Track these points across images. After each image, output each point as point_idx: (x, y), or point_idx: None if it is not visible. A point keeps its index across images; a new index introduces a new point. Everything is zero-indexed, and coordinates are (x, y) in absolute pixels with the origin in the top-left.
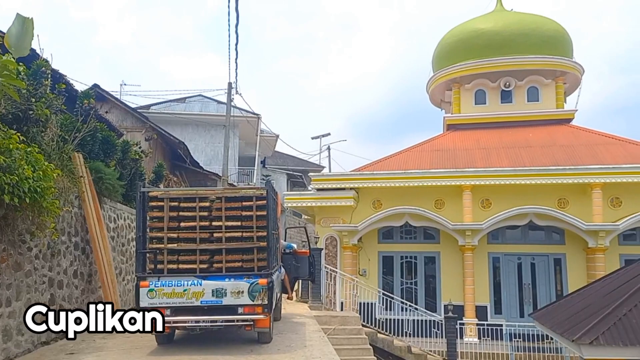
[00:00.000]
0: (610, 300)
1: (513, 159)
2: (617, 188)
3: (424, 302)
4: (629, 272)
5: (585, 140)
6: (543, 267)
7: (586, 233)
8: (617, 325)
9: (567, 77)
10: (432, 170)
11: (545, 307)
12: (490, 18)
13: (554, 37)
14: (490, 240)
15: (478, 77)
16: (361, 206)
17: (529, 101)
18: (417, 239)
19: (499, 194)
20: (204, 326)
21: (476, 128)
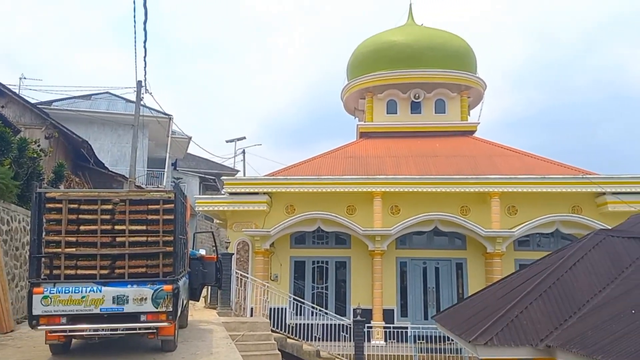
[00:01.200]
0: (504, 302)
1: (421, 167)
2: (513, 197)
3: (334, 307)
4: (521, 276)
5: (486, 151)
6: (446, 271)
7: (485, 239)
8: (510, 326)
9: (471, 91)
10: (344, 176)
11: (446, 309)
12: (402, 31)
13: (459, 52)
14: (398, 246)
15: (390, 87)
16: (274, 211)
17: (437, 113)
18: (329, 244)
19: (407, 200)
20: (104, 335)
21: (387, 137)
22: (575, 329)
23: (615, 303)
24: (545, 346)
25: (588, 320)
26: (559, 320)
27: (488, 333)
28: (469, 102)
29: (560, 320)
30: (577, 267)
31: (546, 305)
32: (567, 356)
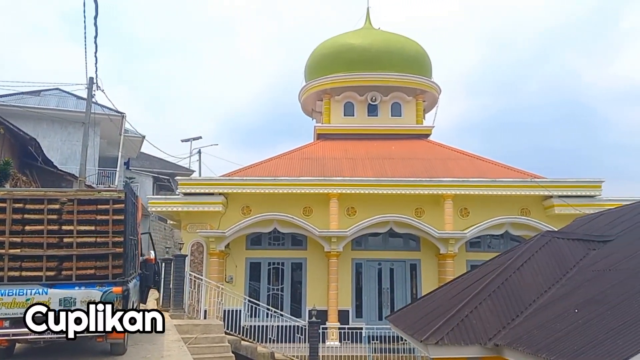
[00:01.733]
0: (455, 302)
1: (377, 169)
2: (466, 199)
3: (290, 308)
4: (472, 277)
5: (440, 154)
6: (401, 272)
7: (438, 240)
8: (460, 325)
9: (427, 95)
10: (301, 177)
11: (400, 310)
12: (360, 34)
13: (415, 57)
14: (354, 247)
15: (347, 89)
16: (230, 212)
17: (393, 116)
18: (285, 245)
19: (363, 202)
20: (49, 339)
21: (345, 138)
22: (521, 328)
23: (559, 302)
24: (493, 345)
25: (534, 319)
26: (507, 319)
27: (439, 332)
28: (424, 106)
29: (508, 320)
30: (524, 268)
31: (495, 305)
32: (513, 354)
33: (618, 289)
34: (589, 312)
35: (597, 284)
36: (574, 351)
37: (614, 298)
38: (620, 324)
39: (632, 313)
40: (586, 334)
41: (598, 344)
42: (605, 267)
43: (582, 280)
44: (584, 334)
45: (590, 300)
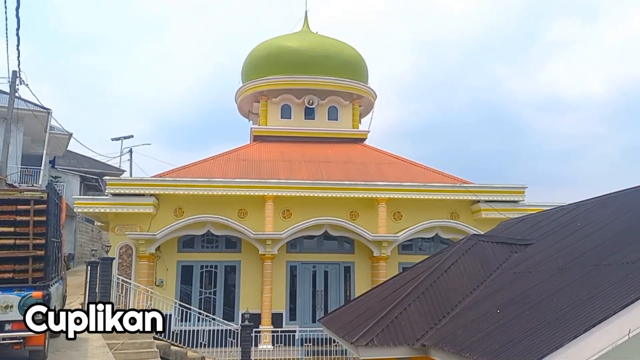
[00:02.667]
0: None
1: (313, 172)
2: (399, 203)
3: (222, 312)
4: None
5: (375, 159)
6: (335, 274)
7: (372, 243)
8: (389, 327)
9: (363, 100)
10: (236, 179)
11: (332, 312)
12: (297, 37)
13: (352, 62)
14: (289, 250)
15: (284, 92)
16: (161, 213)
17: (330, 120)
18: (218, 248)
19: (299, 205)
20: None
21: (281, 141)
22: (447, 328)
23: (483, 303)
24: (420, 345)
25: (459, 319)
26: (434, 320)
27: (369, 334)
28: (360, 110)
29: (435, 320)
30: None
31: (423, 306)
32: (439, 354)
33: (536, 290)
34: (509, 312)
35: (518, 286)
36: (494, 350)
37: (533, 299)
38: (538, 324)
39: (548, 313)
40: (506, 333)
41: (517, 342)
42: (525, 270)
43: (504, 282)
44: (504, 333)
45: (511, 301)
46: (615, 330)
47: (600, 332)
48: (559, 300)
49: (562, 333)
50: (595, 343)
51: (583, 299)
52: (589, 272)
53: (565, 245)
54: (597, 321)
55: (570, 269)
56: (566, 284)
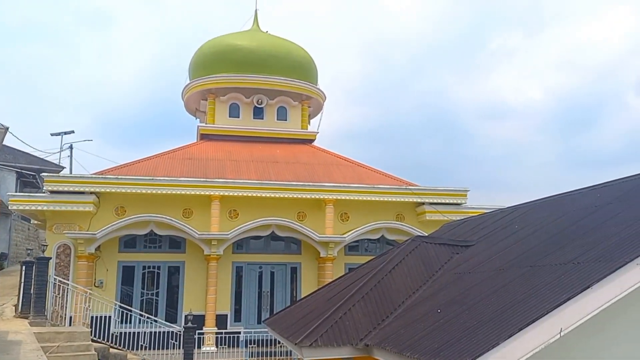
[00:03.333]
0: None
1: (261, 172)
2: (346, 204)
3: (165, 313)
4: (347, 279)
5: (323, 160)
6: (281, 275)
7: (319, 244)
8: (334, 327)
9: (312, 101)
10: (181, 178)
11: (277, 313)
12: (247, 36)
13: (302, 63)
14: (235, 250)
15: (233, 90)
16: (102, 212)
17: (279, 120)
18: (162, 248)
19: (246, 205)
20: None
21: (229, 140)
22: (390, 328)
23: (424, 303)
24: (364, 345)
25: (401, 319)
26: (378, 320)
27: (313, 335)
28: (310, 111)
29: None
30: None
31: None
32: (381, 353)
33: (475, 290)
34: (449, 312)
35: (458, 286)
36: (434, 349)
37: (472, 299)
38: (476, 323)
39: (486, 312)
40: (446, 333)
41: (456, 341)
42: (465, 270)
43: (446, 282)
44: (444, 332)
45: (452, 300)
46: (548, 329)
47: (534, 330)
48: (496, 300)
49: (498, 332)
50: (529, 341)
51: (519, 299)
52: (525, 273)
53: (503, 246)
54: (531, 320)
55: (508, 270)
56: (503, 284)
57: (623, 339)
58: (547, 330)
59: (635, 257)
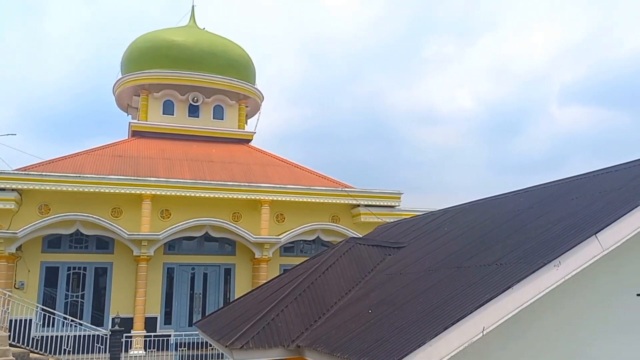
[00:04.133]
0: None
1: (195, 172)
2: (282, 205)
3: (91, 316)
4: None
5: (260, 160)
6: (215, 276)
7: (254, 245)
8: (266, 329)
9: (249, 101)
10: (111, 176)
11: (209, 315)
12: (184, 32)
13: (240, 62)
14: (166, 251)
15: (167, 87)
16: (24, 210)
17: (215, 118)
18: (88, 248)
19: (179, 205)
20: None
21: (162, 138)
22: (322, 329)
23: (356, 304)
24: (295, 346)
25: (333, 320)
26: (310, 321)
27: (245, 337)
28: (247, 111)
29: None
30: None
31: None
32: (312, 354)
33: (405, 290)
34: (380, 312)
35: (389, 287)
36: (364, 349)
37: (402, 299)
38: (405, 322)
39: (415, 312)
40: (376, 332)
41: (385, 341)
42: (397, 271)
43: (377, 283)
44: (374, 332)
45: (382, 301)
46: (472, 328)
47: (459, 329)
48: (425, 299)
49: (425, 331)
50: (454, 340)
51: (445, 299)
52: (452, 273)
53: (433, 248)
54: (456, 319)
55: (436, 271)
56: (432, 284)
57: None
58: (471, 329)
59: (552, 259)
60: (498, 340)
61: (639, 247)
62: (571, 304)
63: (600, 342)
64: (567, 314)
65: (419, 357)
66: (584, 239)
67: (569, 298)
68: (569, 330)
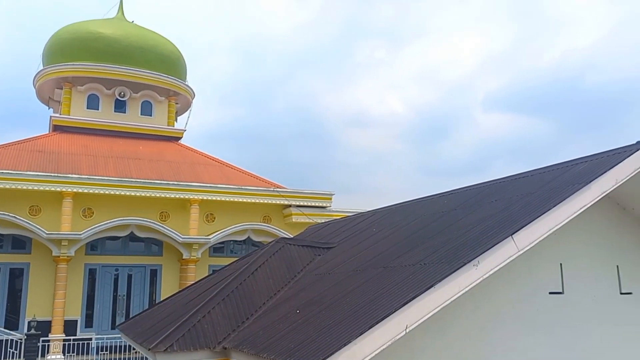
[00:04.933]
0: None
1: (121, 169)
2: (212, 205)
3: (4, 320)
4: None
5: (189, 159)
6: (140, 278)
7: (182, 245)
8: (191, 331)
9: (180, 98)
10: (29, 172)
11: (133, 317)
12: (111, 24)
13: (170, 57)
14: (88, 251)
15: (93, 80)
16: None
17: (143, 115)
18: (3, 248)
19: (103, 203)
20: None
21: (86, 133)
22: (249, 330)
23: (285, 304)
24: (222, 348)
25: (261, 321)
26: (237, 322)
27: (169, 339)
28: (177, 108)
29: (239, 323)
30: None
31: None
32: (239, 356)
33: (333, 290)
34: (308, 312)
35: (317, 287)
36: (290, 349)
37: (329, 299)
38: (331, 322)
39: (341, 312)
40: (303, 333)
41: (311, 341)
42: (325, 272)
43: (306, 284)
44: (301, 332)
45: (310, 301)
46: (395, 326)
47: (383, 328)
48: (351, 299)
49: (350, 330)
50: (378, 338)
51: (371, 298)
52: (379, 273)
53: (362, 248)
54: (380, 318)
55: (364, 271)
56: (359, 284)
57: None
58: (394, 328)
59: (472, 259)
60: (421, 338)
61: (552, 247)
62: (489, 303)
63: (517, 339)
64: (486, 313)
65: (344, 356)
66: (501, 240)
67: (487, 297)
68: (487, 327)
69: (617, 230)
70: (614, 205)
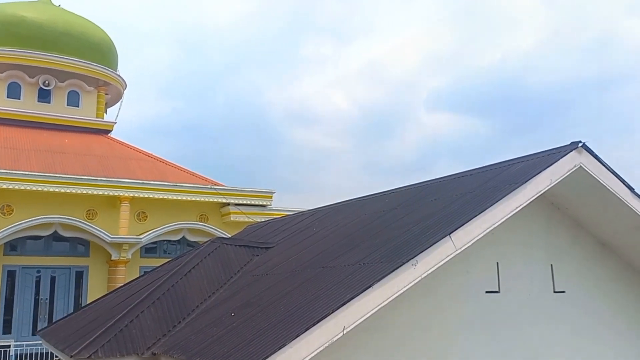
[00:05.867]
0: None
1: (44, 163)
2: (144, 202)
3: None
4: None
5: (120, 153)
6: (64, 280)
7: (111, 245)
8: (118, 336)
9: (110, 88)
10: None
11: (55, 322)
12: (35, 8)
13: (100, 45)
14: (7, 252)
15: (13, 67)
16: None
17: (69, 105)
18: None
19: (23, 200)
20: None
21: (6, 124)
22: (181, 334)
23: (220, 307)
24: (151, 354)
25: (194, 324)
26: (169, 326)
27: (93, 345)
28: (107, 99)
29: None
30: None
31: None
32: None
33: (270, 292)
34: (243, 314)
35: (254, 288)
36: (224, 354)
37: (266, 300)
38: (267, 325)
39: (278, 314)
40: (238, 336)
41: (247, 344)
42: (263, 272)
43: (243, 285)
44: (236, 335)
45: (246, 303)
46: (333, 327)
47: (320, 329)
48: (288, 301)
49: (287, 332)
50: (315, 340)
51: (309, 299)
52: (318, 273)
53: (301, 248)
54: (317, 320)
55: (302, 271)
56: (297, 285)
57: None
58: (332, 329)
59: (410, 259)
60: (359, 338)
61: (489, 247)
62: (427, 302)
63: (455, 337)
64: (424, 312)
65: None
66: (439, 239)
67: (425, 296)
68: (425, 326)
69: (552, 230)
70: (549, 205)
